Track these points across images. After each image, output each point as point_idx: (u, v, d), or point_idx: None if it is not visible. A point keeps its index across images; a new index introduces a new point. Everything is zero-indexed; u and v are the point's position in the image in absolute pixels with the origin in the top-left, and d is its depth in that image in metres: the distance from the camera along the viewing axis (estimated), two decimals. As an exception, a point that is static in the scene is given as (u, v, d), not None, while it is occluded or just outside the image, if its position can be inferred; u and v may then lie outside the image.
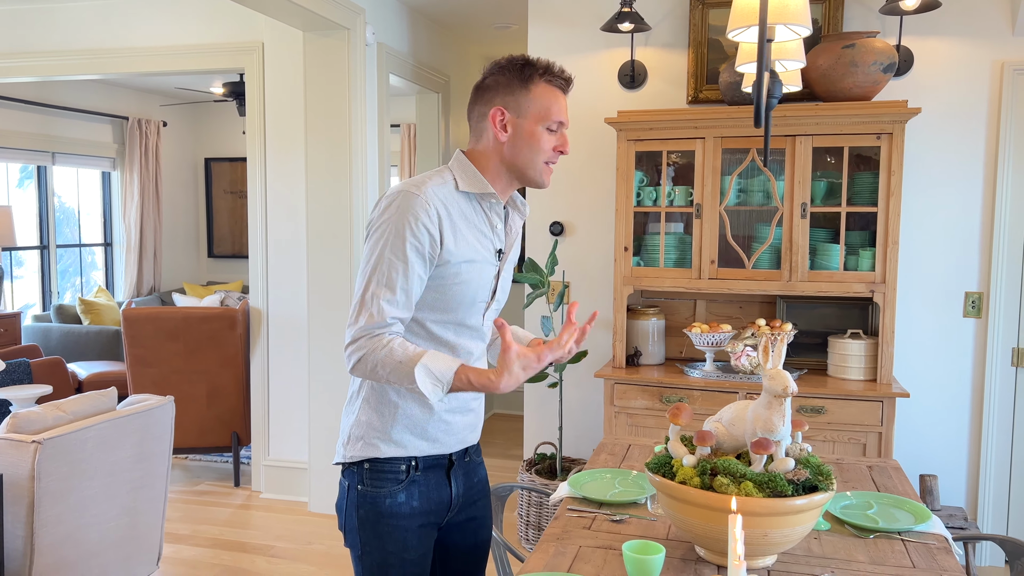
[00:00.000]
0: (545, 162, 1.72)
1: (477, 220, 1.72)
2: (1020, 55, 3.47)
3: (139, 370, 4.50)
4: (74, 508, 2.86)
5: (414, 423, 1.74)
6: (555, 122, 1.70)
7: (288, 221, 4.41)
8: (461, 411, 1.80)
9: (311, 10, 3.61)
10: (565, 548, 1.79)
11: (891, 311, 3.30)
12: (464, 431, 1.82)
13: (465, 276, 1.67)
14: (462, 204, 1.70)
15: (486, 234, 1.74)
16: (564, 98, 1.74)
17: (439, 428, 1.76)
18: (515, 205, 1.83)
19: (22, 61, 4.85)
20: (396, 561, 1.74)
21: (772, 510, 1.57)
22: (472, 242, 1.69)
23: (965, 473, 3.65)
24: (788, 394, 1.67)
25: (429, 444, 1.76)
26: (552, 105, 1.69)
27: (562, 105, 1.72)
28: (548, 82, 1.70)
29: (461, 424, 1.81)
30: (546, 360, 1.53)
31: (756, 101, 1.29)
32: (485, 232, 1.74)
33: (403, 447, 1.74)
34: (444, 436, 1.78)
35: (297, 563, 3.61)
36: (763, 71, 1.31)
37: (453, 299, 1.68)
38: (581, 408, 4.05)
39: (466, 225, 1.69)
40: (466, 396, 1.80)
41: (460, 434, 1.81)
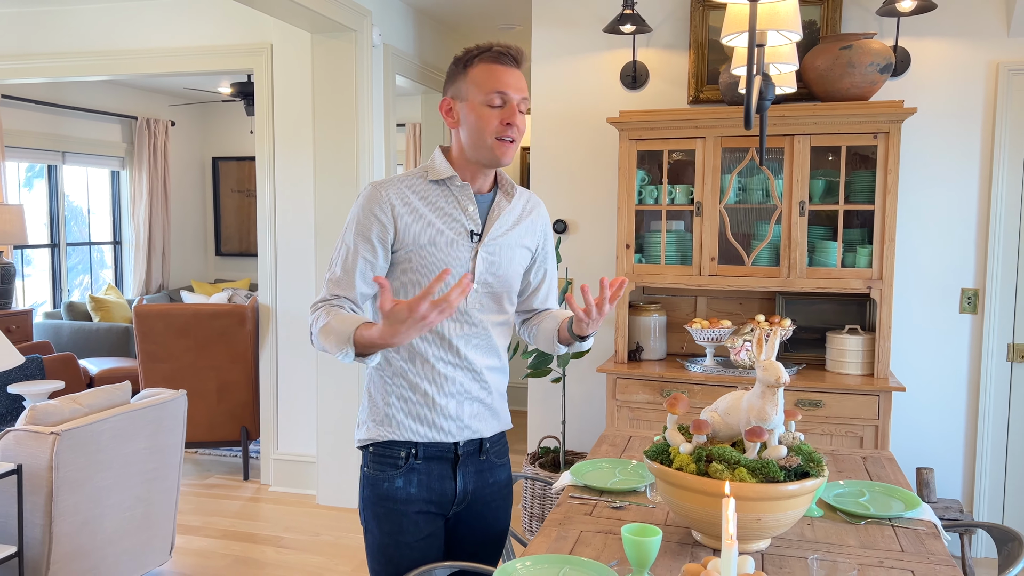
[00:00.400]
0: (497, 138, 1.73)
1: (446, 205, 1.79)
2: (1015, 56, 3.53)
3: (150, 366, 4.58)
4: (90, 498, 2.95)
5: (409, 406, 1.81)
6: (494, 94, 1.71)
7: (296, 219, 4.49)
8: (458, 397, 1.82)
9: (319, 12, 3.69)
10: (567, 532, 1.86)
11: (888, 307, 3.36)
12: (468, 419, 1.84)
13: (430, 258, 1.76)
14: (430, 192, 1.79)
15: (455, 217, 1.79)
16: (509, 72, 1.73)
17: (435, 412, 1.81)
18: (504, 189, 1.87)
19: (35, 62, 4.94)
20: (392, 543, 1.82)
21: (765, 495, 1.64)
22: (438, 225, 1.77)
23: (961, 466, 3.71)
24: (781, 384, 1.74)
25: (428, 429, 1.82)
26: (489, 79, 1.71)
27: (502, 78, 1.72)
28: (485, 60, 1.73)
29: (461, 411, 1.83)
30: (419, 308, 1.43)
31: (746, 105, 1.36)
32: (454, 215, 1.79)
33: (401, 431, 1.81)
34: (443, 422, 1.82)
35: (306, 554, 3.69)
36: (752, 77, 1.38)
37: (422, 278, 1.76)
38: (584, 402, 4.12)
39: (431, 210, 1.77)
40: (463, 382, 1.82)
41: (462, 421, 1.84)
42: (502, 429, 1.96)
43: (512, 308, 1.93)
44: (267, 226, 4.54)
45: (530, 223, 1.92)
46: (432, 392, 1.81)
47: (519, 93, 1.73)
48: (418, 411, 1.82)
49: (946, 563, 1.74)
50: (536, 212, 1.95)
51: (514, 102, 1.73)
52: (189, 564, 3.58)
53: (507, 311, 1.91)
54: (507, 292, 1.88)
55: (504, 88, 1.72)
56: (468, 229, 1.79)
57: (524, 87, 1.76)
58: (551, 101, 4.10)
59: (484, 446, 1.91)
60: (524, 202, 1.92)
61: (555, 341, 1.91)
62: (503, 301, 1.88)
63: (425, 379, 1.81)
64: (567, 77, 4.07)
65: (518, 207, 1.89)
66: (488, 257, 1.82)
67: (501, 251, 1.84)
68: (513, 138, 1.74)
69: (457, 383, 1.82)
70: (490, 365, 1.87)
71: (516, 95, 1.73)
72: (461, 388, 1.83)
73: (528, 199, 1.95)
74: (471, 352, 1.83)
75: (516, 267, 1.89)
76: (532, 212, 1.93)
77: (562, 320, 1.90)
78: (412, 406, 1.82)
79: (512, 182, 1.91)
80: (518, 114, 1.73)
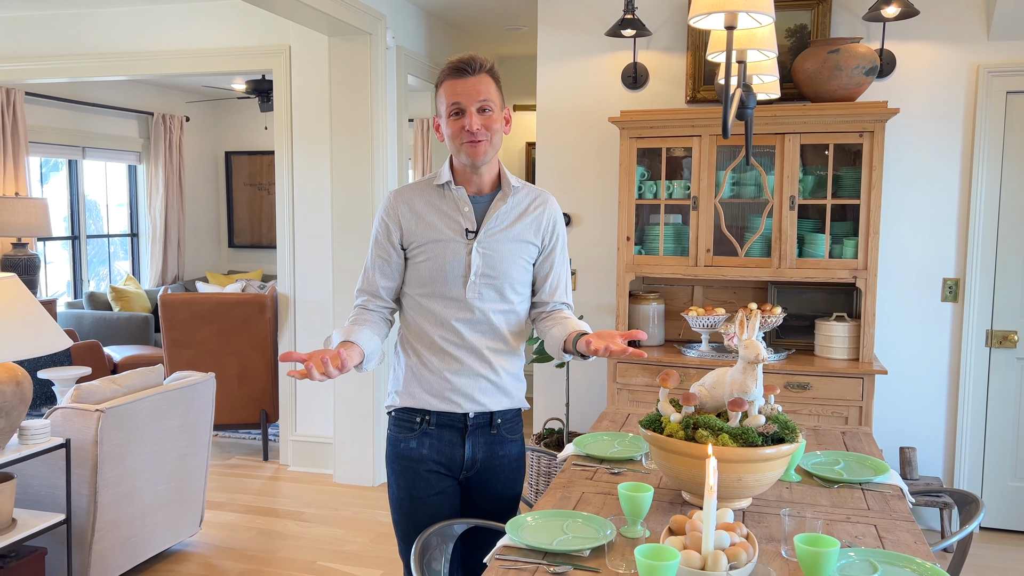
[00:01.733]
0: (462, 143, 1.96)
1: (446, 207, 2.04)
2: (995, 58, 3.74)
3: (175, 351, 4.82)
4: (130, 471, 3.19)
5: (422, 380, 2.06)
6: (452, 105, 1.94)
7: (313, 212, 4.71)
8: (463, 373, 2.04)
9: (336, 17, 3.91)
10: (570, 493, 2.10)
11: (872, 295, 3.58)
12: (474, 393, 2.05)
13: (431, 253, 2.02)
14: (434, 196, 2.06)
15: (453, 217, 2.03)
16: (465, 82, 1.93)
17: (442, 385, 2.04)
18: (504, 189, 2.06)
19: (61, 63, 5.16)
20: (407, 496, 2.08)
21: (744, 457, 1.86)
22: (438, 225, 2.03)
23: (943, 446, 3.93)
24: (760, 361, 1.97)
25: (438, 400, 2.05)
26: (448, 94, 1.95)
27: (457, 90, 1.94)
28: (446, 78, 1.96)
29: (466, 385, 2.04)
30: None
31: (724, 118, 1.57)
32: (452, 215, 2.03)
33: (414, 399, 2.07)
34: (450, 394, 2.04)
35: (325, 527, 3.94)
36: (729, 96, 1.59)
37: (427, 273, 2.03)
38: (587, 386, 4.35)
39: (433, 212, 2.04)
40: (466, 360, 2.04)
41: (469, 395, 2.04)
42: (513, 407, 2.14)
43: (519, 298, 2.10)
44: (285, 218, 4.77)
45: (534, 219, 2.08)
46: (440, 368, 2.05)
47: (475, 99, 1.93)
48: (430, 384, 2.06)
49: (906, 519, 1.96)
50: (544, 208, 2.11)
51: (470, 109, 1.94)
52: (217, 536, 3.83)
53: (511, 300, 2.07)
54: (508, 283, 2.05)
55: (457, 99, 1.94)
56: (464, 228, 2.03)
57: (481, 90, 1.94)
58: (556, 100, 4.32)
59: (495, 420, 2.11)
60: (531, 199, 2.10)
61: (560, 350, 2.05)
62: (504, 291, 2.05)
63: (434, 357, 2.05)
64: (571, 77, 4.29)
65: (522, 205, 2.08)
66: (484, 252, 2.02)
67: (498, 246, 2.03)
68: (477, 139, 1.95)
69: (462, 361, 2.05)
70: (492, 347, 2.07)
71: (471, 102, 1.93)
72: (466, 366, 2.05)
73: (537, 196, 2.12)
74: (471, 335, 2.04)
75: (516, 260, 2.06)
76: (538, 208, 2.10)
77: (570, 332, 2.02)
78: (424, 379, 2.06)
79: (516, 182, 2.09)
80: (475, 118, 1.93)
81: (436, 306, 2.05)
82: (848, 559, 1.65)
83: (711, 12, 1.49)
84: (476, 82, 1.94)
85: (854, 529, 1.89)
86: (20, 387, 2.73)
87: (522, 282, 2.11)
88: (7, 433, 2.75)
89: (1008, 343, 3.82)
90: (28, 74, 5.29)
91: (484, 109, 1.95)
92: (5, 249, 6.05)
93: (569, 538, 1.77)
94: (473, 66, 1.93)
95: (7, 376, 2.70)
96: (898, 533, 1.87)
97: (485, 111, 1.95)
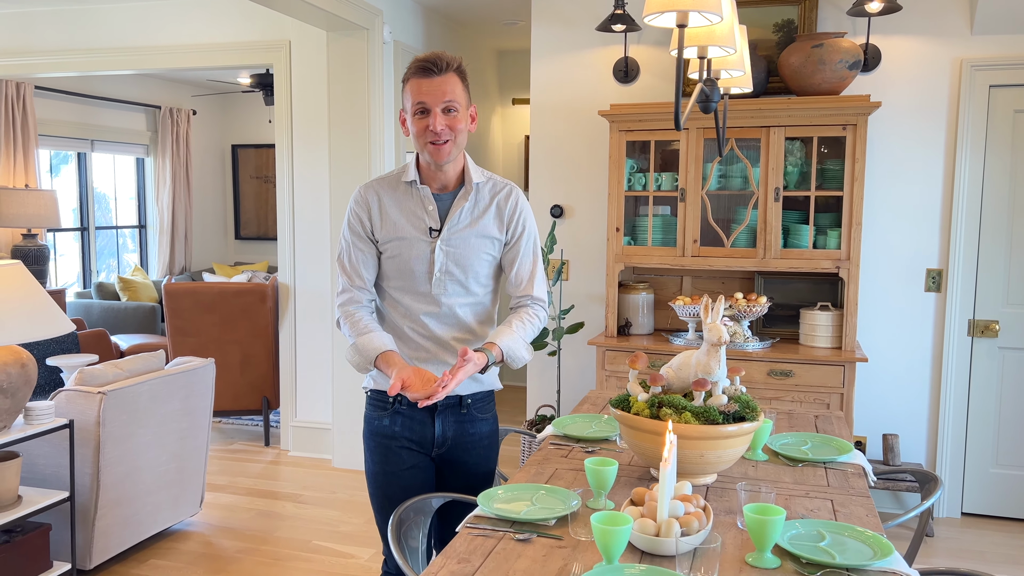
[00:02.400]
0: (426, 143, 1.98)
1: (412, 204, 2.09)
2: (978, 53, 3.80)
3: (179, 339, 4.95)
4: (132, 452, 3.31)
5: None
6: (416, 104, 1.96)
7: (313, 204, 4.83)
8: (430, 361, 2.13)
9: (333, 13, 4.01)
10: (544, 469, 2.20)
11: (855, 285, 3.66)
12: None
13: (396, 250, 2.09)
14: (401, 192, 2.10)
15: (418, 215, 2.08)
16: (430, 82, 1.94)
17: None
18: (468, 186, 2.08)
19: (70, 57, 5.28)
20: (381, 471, 2.19)
21: (705, 434, 1.96)
22: (403, 223, 2.08)
23: (925, 433, 4.01)
24: (722, 343, 2.06)
25: None
26: (413, 93, 1.96)
27: (422, 90, 1.94)
28: (412, 76, 1.97)
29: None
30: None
31: (675, 111, 1.66)
32: (417, 213, 2.08)
33: (385, 383, 2.14)
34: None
35: (322, 508, 4.06)
36: (680, 88, 1.68)
37: (395, 268, 2.11)
38: (578, 374, 4.45)
39: (398, 210, 2.09)
40: (433, 350, 2.12)
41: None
42: (483, 390, 2.22)
43: (484, 290, 2.17)
44: (286, 210, 4.88)
45: (496, 212, 2.11)
46: (410, 357, 2.14)
47: (440, 99, 1.95)
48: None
49: (862, 495, 2.06)
50: (509, 200, 2.13)
51: (435, 109, 1.95)
52: (217, 516, 3.95)
53: (476, 293, 2.14)
54: (472, 278, 2.12)
55: (422, 99, 1.96)
56: (428, 226, 2.08)
57: (447, 90, 1.95)
58: (549, 94, 4.41)
59: (464, 401, 2.19)
60: (494, 193, 2.12)
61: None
62: (469, 285, 2.12)
63: (404, 346, 2.15)
64: (564, 71, 4.38)
65: (484, 200, 2.11)
66: (448, 249, 2.08)
67: (461, 243, 2.08)
68: (441, 140, 1.97)
69: (429, 350, 2.14)
70: (459, 338, 2.15)
71: (436, 102, 1.95)
72: (433, 355, 2.15)
73: (501, 190, 2.14)
74: (437, 328, 2.13)
75: (479, 255, 2.11)
76: (502, 202, 2.12)
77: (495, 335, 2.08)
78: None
79: (481, 177, 2.11)
80: (439, 119, 1.95)
81: (406, 299, 2.14)
82: (796, 530, 1.74)
83: (663, 11, 1.58)
84: (442, 82, 1.95)
85: (811, 503, 1.99)
86: (24, 369, 2.85)
87: (487, 275, 2.16)
88: (12, 413, 2.87)
89: (990, 332, 3.90)
90: (37, 68, 5.42)
91: (449, 109, 1.97)
92: (16, 240, 6.20)
93: (536, 508, 1.88)
94: (439, 65, 1.94)
95: (12, 358, 2.82)
96: (852, 507, 1.96)
97: (450, 111, 1.97)
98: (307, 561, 3.48)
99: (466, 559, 1.65)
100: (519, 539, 1.74)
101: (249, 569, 3.40)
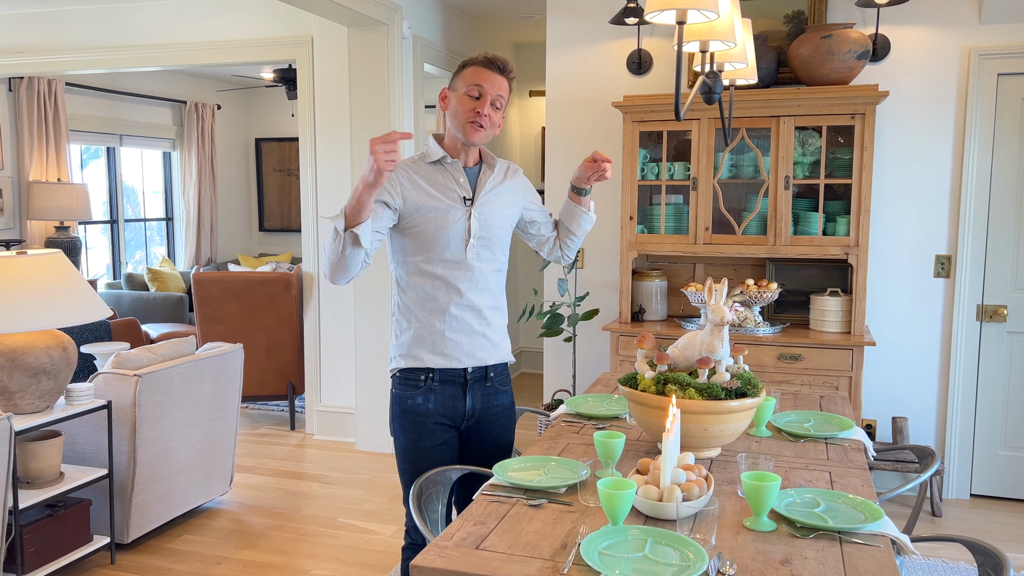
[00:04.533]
0: (468, 121, 2.19)
1: (441, 178, 2.26)
2: (986, 41, 3.86)
3: (207, 327, 5.12)
4: (165, 432, 3.48)
5: (425, 341, 2.27)
6: (474, 87, 2.18)
7: (335, 195, 4.97)
8: (464, 331, 2.27)
9: (354, 9, 4.13)
10: (556, 444, 2.32)
11: (864, 271, 3.74)
12: (475, 349, 2.29)
13: (430, 217, 2.22)
14: (428, 171, 2.26)
15: (450, 187, 2.25)
16: (492, 75, 2.20)
17: (446, 345, 2.26)
18: (489, 163, 2.33)
19: (100, 55, 5.46)
20: (414, 447, 2.31)
21: (708, 409, 2.07)
22: (435, 194, 2.23)
23: (934, 416, 4.09)
24: (725, 323, 2.17)
25: (442, 359, 2.27)
26: (474, 77, 2.19)
27: (484, 77, 2.19)
28: (476, 64, 2.21)
29: (468, 343, 2.28)
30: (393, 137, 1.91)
31: (676, 103, 1.76)
32: (449, 186, 2.25)
33: (419, 360, 2.27)
34: (453, 351, 2.27)
35: (347, 488, 4.21)
36: (680, 80, 1.78)
37: (428, 238, 2.23)
38: (593, 359, 4.57)
39: (429, 183, 2.24)
40: (467, 319, 2.27)
41: (470, 351, 2.28)
42: (502, 360, 2.39)
43: (505, 258, 2.38)
44: (309, 201, 5.03)
45: (511, 185, 2.38)
46: (443, 328, 2.26)
47: (494, 91, 2.20)
48: (432, 343, 2.27)
49: (860, 468, 2.16)
50: (516, 176, 2.41)
51: (488, 96, 2.19)
52: (246, 495, 4.12)
53: (500, 259, 2.34)
54: (499, 244, 2.32)
55: (481, 83, 2.19)
56: (461, 196, 2.26)
57: (502, 89, 2.21)
58: (564, 86, 4.51)
59: (489, 374, 2.35)
60: (504, 169, 2.38)
61: (571, 203, 2.45)
62: (496, 250, 2.32)
63: (437, 318, 2.26)
64: (578, 63, 4.48)
65: (500, 174, 2.35)
66: (480, 216, 2.27)
67: (491, 210, 2.30)
68: (481, 124, 2.20)
69: (463, 320, 2.27)
70: (490, 304, 2.32)
71: (491, 92, 2.19)
72: (466, 324, 2.28)
73: (508, 167, 2.40)
74: (473, 295, 2.28)
75: (504, 221, 2.34)
76: (512, 176, 2.39)
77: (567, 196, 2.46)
78: (427, 340, 2.27)
79: (493, 156, 2.37)
80: (488, 106, 2.19)
81: (439, 269, 2.26)
82: (792, 498, 1.85)
83: (663, 9, 1.68)
84: (501, 80, 2.21)
85: (810, 475, 2.09)
86: (66, 352, 3.01)
87: (506, 243, 2.38)
88: (55, 394, 3.04)
89: (998, 317, 3.96)
90: (68, 65, 5.60)
91: (496, 103, 2.21)
92: (48, 232, 6.40)
93: (548, 478, 2.00)
94: (506, 68, 2.22)
95: (55, 342, 2.99)
96: (849, 479, 2.07)
97: (496, 106, 2.22)
98: (332, 537, 3.63)
99: (482, 522, 1.77)
100: (531, 504, 1.86)
101: (277, 544, 3.55)
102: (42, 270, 2.94)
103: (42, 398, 3.00)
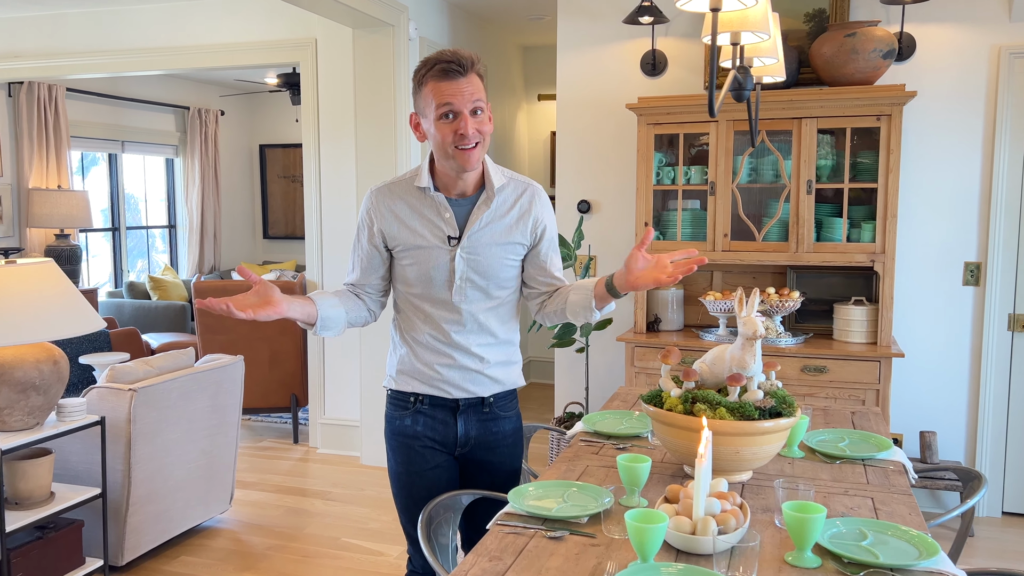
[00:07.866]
0: (455, 148, 1.86)
1: (427, 211, 1.99)
2: (1016, 39, 3.70)
3: (208, 337, 4.98)
4: (162, 448, 3.33)
5: (414, 370, 2.09)
6: (443, 106, 1.83)
7: (340, 202, 4.83)
8: (453, 367, 2.05)
9: (359, 10, 4.00)
10: (575, 467, 2.16)
11: (890, 279, 3.58)
12: (462, 382, 2.07)
13: (414, 258, 2.01)
14: (415, 198, 2.00)
15: (435, 223, 1.98)
16: (455, 84, 1.82)
17: (433, 376, 2.07)
18: (488, 191, 1.98)
19: (100, 59, 5.34)
20: (404, 471, 2.15)
21: (741, 431, 1.91)
22: (420, 230, 1.99)
23: (964, 430, 3.92)
24: (757, 337, 2.02)
25: (426, 387, 2.08)
26: (437, 96, 1.83)
27: (447, 92, 1.82)
28: (432, 77, 1.84)
29: (457, 378, 2.06)
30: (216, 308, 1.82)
31: (709, 97, 1.62)
32: (434, 221, 1.98)
33: (405, 385, 2.11)
34: (439, 383, 2.07)
35: (350, 505, 4.06)
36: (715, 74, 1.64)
37: (412, 276, 2.03)
38: (606, 371, 4.41)
39: (414, 216, 1.99)
40: (455, 356, 2.05)
41: (457, 384, 2.07)
42: (504, 390, 2.15)
43: (507, 292, 2.09)
44: (313, 208, 4.89)
45: (521, 218, 2.03)
46: (431, 361, 2.07)
47: (469, 100, 1.84)
48: (421, 374, 2.08)
49: (904, 493, 2.00)
50: (533, 204, 2.05)
51: (464, 111, 1.84)
52: (247, 513, 3.97)
53: (497, 297, 2.07)
54: (494, 283, 2.04)
55: (450, 101, 1.83)
56: (446, 235, 1.99)
57: (475, 91, 1.86)
58: (576, 88, 4.37)
59: (487, 400, 2.12)
60: (516, 196, 2.03)
61: (588, 308, 2.01)
62: (490, 291, 2.05)
63: (425, 351, 2.07)
64: (591, 65, 4.33)
65: (507, 203, 2.02)
66: (468, 257, 1.99)
67: (482, 250, 2.00)
68: (471, 144, 1.87)
69: (451, 356, 2.07)
70: (481, 343, 2.07)
71: (465, 104, 1.84)
72: (456, 361, 2.06)
73: (523, 193, 2.05)
74: (458, 336, 2.05)
75: (502, 262, 2.03)
76: (525, 206, 2.04)
77: (594, 283, 1.98)
78: (416, 370, 2.09)
79: (501, 179, 2.01)
80: (469, 122, 1.84)
81: (426, 306, 2.06)
82: (836, 528, 1.69)
83: (697, -5, 1.54)
84: (467, 83, 1.84)
85: (851, 501, 1.93)
86: (57, 366, 2.87)
87: (509, 278, 2.08)
88: (45, 410, 2.90)
89: (1031, 327, 3.79)
90: (68, 69, 5.48)
91: (476, 111, 1.87)
92: (48, 240, 6.28)
93: (568, 506, 1.84)
94: (464, 65, 1.83)
95: (45, 355, 2.84)
96: (894, 505, 1.91)
97: (477, 113, 1.88)
98: (336, 558, 3.47)
99: (498, 557, 1.62)
100: (551, 537, 1.71)
101: (278, 567, 3.40)
102: (32, 280, 2.80)
103: (32, 415, 2.86)
